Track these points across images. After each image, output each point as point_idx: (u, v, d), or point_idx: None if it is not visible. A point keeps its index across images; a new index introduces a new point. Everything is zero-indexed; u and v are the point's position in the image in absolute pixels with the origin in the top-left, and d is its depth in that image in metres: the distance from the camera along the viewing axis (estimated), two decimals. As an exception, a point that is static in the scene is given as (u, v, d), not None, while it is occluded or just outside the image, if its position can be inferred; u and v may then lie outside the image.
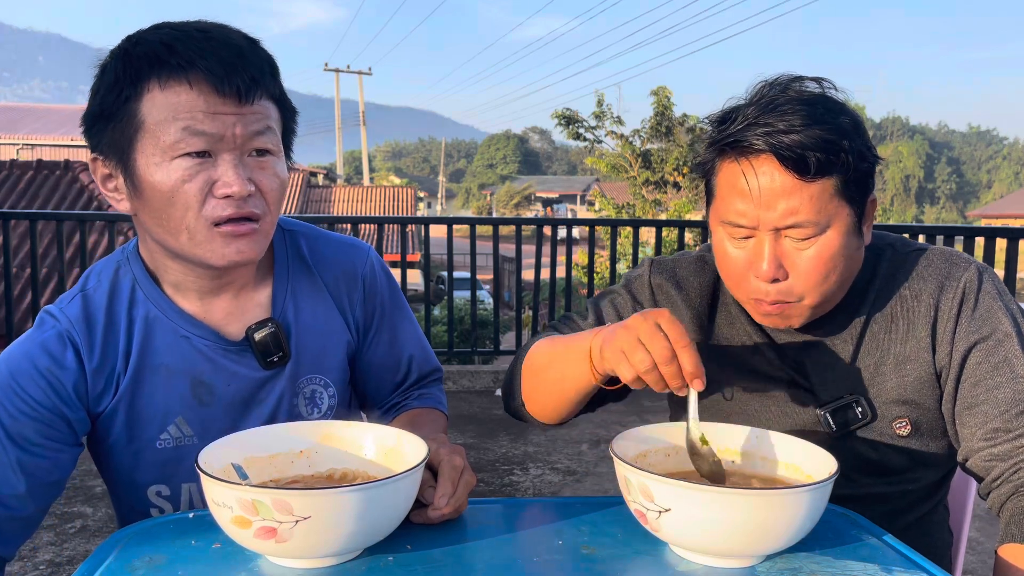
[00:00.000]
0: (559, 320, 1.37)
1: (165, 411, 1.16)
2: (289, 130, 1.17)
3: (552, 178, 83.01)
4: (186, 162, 1.05)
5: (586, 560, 0.95)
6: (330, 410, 1.27)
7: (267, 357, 1.19)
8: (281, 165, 1.13)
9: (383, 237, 5.58)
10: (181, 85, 1.03)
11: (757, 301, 1.17)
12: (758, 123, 1.10)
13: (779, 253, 1.13)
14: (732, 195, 1.14)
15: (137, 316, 1.16)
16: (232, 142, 1.05)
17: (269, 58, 1.11)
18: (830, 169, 1.10)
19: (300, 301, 1.24)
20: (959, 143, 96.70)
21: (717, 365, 1.27)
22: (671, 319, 0.98)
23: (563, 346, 1.17)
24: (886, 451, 1.23)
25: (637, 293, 1.33)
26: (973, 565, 2.93)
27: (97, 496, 3.45)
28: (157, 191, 1.06)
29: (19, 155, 21.07)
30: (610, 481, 3.72)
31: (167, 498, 1.20)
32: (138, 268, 1.18)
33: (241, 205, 1.07)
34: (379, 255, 1.37)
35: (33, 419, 1.08)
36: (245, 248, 1.09)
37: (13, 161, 10.61)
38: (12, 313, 5.26)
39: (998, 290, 1.21)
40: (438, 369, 1.44)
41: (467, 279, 10.10)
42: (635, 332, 0.99)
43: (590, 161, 15.07)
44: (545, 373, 1.22)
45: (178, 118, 1.03)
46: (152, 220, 1.10)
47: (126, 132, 1.06)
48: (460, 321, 7.71)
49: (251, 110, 1.06)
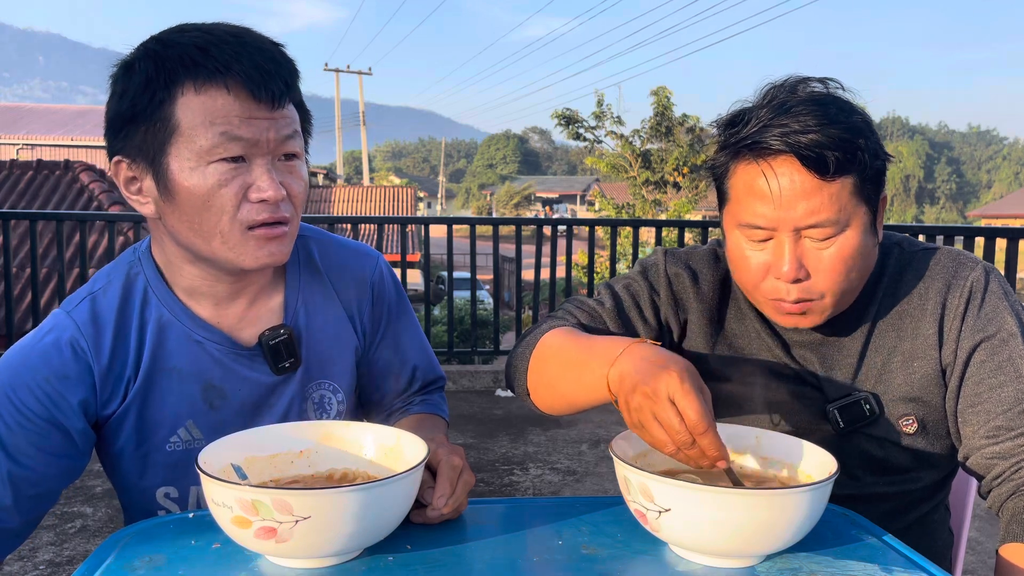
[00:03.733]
0: (573, 304, 1.31)
1: (176, 415, 1.16)
2: (306, 132, 1.17)
3: (552, 178, 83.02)
4: (222, 167, 1.05)
5: (586, 560, 0.95)
6: (339, 415, 1.27)
7: (279, 363, 1.19)
8: (305, 168, 1.14)
9: (383, 237, 5.58)
10: (218, 89, 1.03)
11: (777, 301, 1.16)
12: (774, 124, 1.10)
13: (800, 253, 1.13)
14: (750, 197, 1.13)
15: (149, 319, 1.15)
16: (266, 147, 1.06)
17: (294, 63, 1.11)
18: (848, 168, 1.10)
19: (311, 307, 1.25)
20: (959, 143, 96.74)
21: (727, 360, 1.28)
22: (688, 395, 0.89)
23: (577, 355, 1.11)
24: (892, 449, 1.23)
25: (654, 282, 1.31)
26: (973, 565, 2.93)
27: (97, 496, 3.45)
28: (193, 195, 1.05)
29: (19, 155, 21.06)
30: (610, 481, 3.72)
31: (175, 500, 1.19)
32: (151, 271, 1.17)
33: (275, 209, 1.08)
34: (388, 263, 1.37)
35: (27, 429, 1.06)
36: (276, 251, 1.11)
37: (13, 161, 10.62)
38: (12, 313, 5.26)
39: (1004, 290, 1.21)
40: (442, 377, 1.44)
41: (467, 279, 10.11)
42: (651, 406, 0.92)
43: (590, 161, 15.09)
44: (557, 379, 1.16)
45: (215, 123, 1.03)
46: (182, 224, 1.09)
47: (158, 135, 1.05)
48: (460, 321, 7.71)
49: (282, 115, 1.07)
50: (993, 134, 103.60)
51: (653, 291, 1.30)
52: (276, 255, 1.11)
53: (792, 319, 1.18)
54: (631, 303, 1.29)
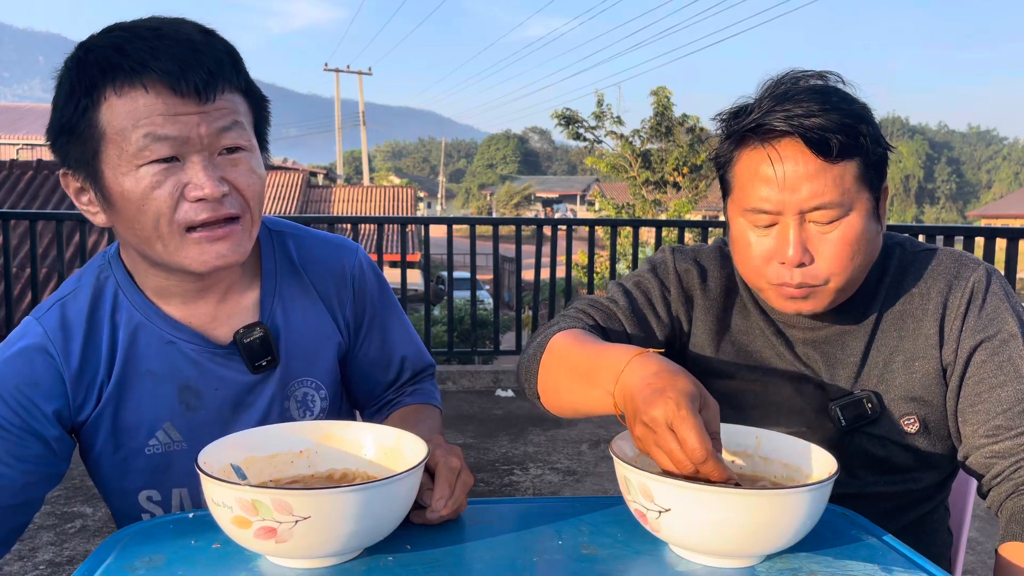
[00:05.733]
0: (586, 302, 1.31)
1: (153, 418, 1.15)
2: (262, 121, 1.12)
3: (552, 178, 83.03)
4: (152, 168, 1.01)
5: (586, 560, 0.95)
6: (322, 412, 1.26)
7: (255, 361, 1.17)
8: (256, 160, 1.09)
9: (383, 237, 5.58)
10: (136, 90, 0.99)
11: (781, 286, 1.17)
12: (777, 109, 1.12)
13: (804, 238, 1.14)
14: (755, 181, 1.15)
15: (120, 322, 1.13)
16: (199, 143, 1.01)
17: (228, 48, 1.05)
18: (852, 152, 1.11)
19: (288, 304, 1.22)
20: (959, 143, 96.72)
21: (731, 357, 1.29)
22: (685, 423, 0.87)
23: (584, 365, 1.08)
24: (893, 448, 1.24)
25: (664, 278, 1.32)
26: (973, 565, 2.93)
27: (97, 496, 3.45)
28: (128, 201, 1.02)
29: (19, 155, 21.08)
30: (610, 481, 3.72)
31: (158, 503, 1.18)
32: (120, 273, 1.15)
33: (216, 207, 1.03)
34: (368, 255, 1.34)
35: (4, 439, 1.05)
36: (226, 251, 1.06)
37: (13, 161, 10.61)
38: (12, 313, 5.27)
39: (1006, 291, 1.22)
40: (431, 365, 1.43)
41: (467, 279, 10.10)
42: (651, 436, 0.91)
43: (590, 161, 15.07)
44: (566, 390, 1.14)
45: (138, 125, 0.99)
46: (127, 231, 1.07)
47: (89, 144, 1.02)
48: (460, 321, 7.70)
49: (214, 107, 1.02)
50: (993, 134, 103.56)
51: (664, 287, 1.31)
52: (227, 256, 1.06)
53: (795, 304, 1.18)
54: (644, 300, 1.30)
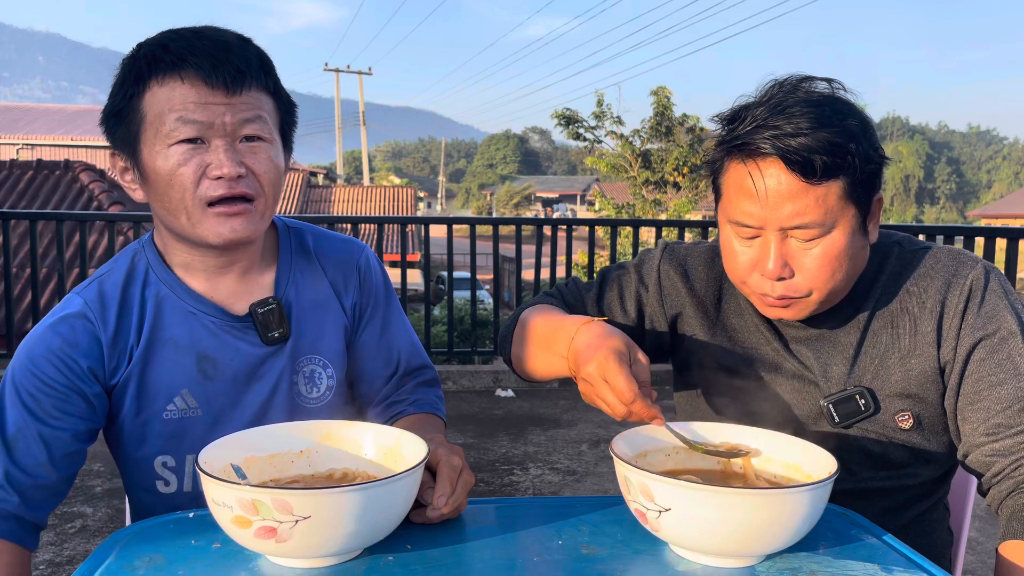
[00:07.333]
0: (563, 285, 1.44)
1: (172, 384, 1.24)
2: (288, 123, 1.27)
3: (552, 178, 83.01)
4: (180, 148, 1.15)
5: (586, 560, 0.95)
6: (328, 391, 1.33)
7: (268, 332, 1.27)
8: (276, 151, 1.22)
9: (383, 237, 5.58)
10: (175, 80, 1.14)
11: (763, 296, 1.19)
12: (766, 125, 1.12)
13: (785, 252, 1.15)
14: (739, 195, 1.16)
15: (149, 295, 1.26)
16: (222, 129, 1.15)
17: (260, 53, 1.21)
18: (836, 172, 1.11)
19: (301, 284, 1.34)
20: (959, 143, 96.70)
21: (725, 354, 1.30)
22: (613, 373, 1.03)
23: (545, 335, 1.25)
24: (888, 444, 1.24)
25: (645, 276, 1.38)
26: (973, 565, 2.94)
27: (97, 496, 3.45)
28: (159, 176, 1.17)
29: (19, 155, 21.06)
30: (610, 481, 3.73)
31: (172, 469, 1.26)
32: (152, 253, 1.29)
33: (232, 185, 1.16)
34: (376, 255, 1.46)
35: (50, 396, 1.17)
36: (239, 227, 1.19)
37: (13, 161, 10.62)
38: (12, 313, 5.27)
39: (1004, 289, 1.22)
40: (430, 367, 1.48)
41: (467, 279, 10.10)
42: (591, 389, 1.07)
43: (590, 161, 15.07)
44: (532, 357, 1.30)
45: (173, 109, 1.14)
46: (158, 204, 1.21)
47: (132, 127, 1.17)
48: (460, 321, 7.70)
49: (240, 100, 1.16)
50: (993, 134, 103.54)
51: (642, 285, 1.37)
52: (239, 231, 1.19)
53: (776, 311, 1.21)
54: (615, 294, 1.38)
